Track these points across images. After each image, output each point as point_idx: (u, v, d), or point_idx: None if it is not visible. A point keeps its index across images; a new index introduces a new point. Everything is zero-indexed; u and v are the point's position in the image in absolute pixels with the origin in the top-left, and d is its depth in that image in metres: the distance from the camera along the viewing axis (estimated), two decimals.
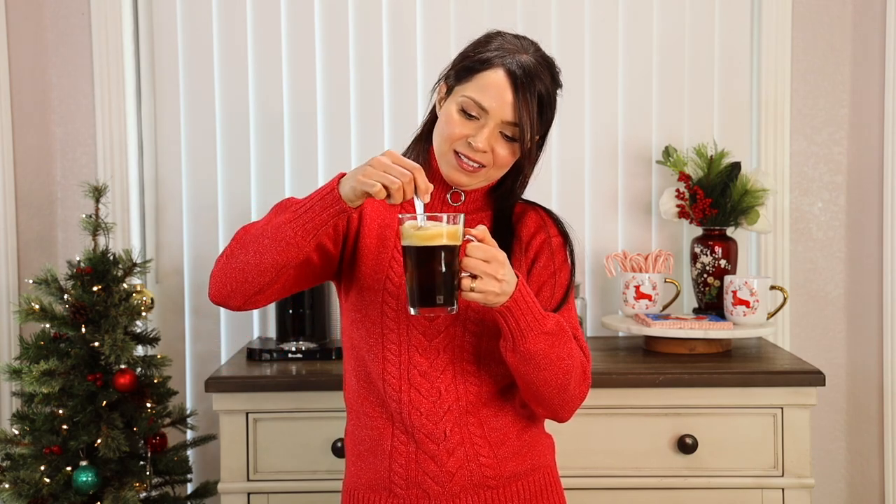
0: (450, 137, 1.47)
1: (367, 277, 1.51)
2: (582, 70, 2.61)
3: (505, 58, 1.45)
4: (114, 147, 2.58)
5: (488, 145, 1.46)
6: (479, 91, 1.45)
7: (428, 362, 1.49)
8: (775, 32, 2.58)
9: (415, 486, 1.49)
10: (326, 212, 1.35)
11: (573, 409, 1.51)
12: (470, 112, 1.46)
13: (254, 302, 1.42)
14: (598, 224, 2.62)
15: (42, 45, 2.60)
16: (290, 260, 1.37)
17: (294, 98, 2.63)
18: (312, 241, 1.37)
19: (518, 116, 1.44)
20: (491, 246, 1.35)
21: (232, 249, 1.41)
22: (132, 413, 2.26)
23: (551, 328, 1.42)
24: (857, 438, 2.65)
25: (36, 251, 2.63)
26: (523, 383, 1.46)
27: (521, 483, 1.53)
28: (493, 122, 1.45)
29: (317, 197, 1.36)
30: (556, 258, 1.55)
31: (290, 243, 1.36)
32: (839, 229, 2.64)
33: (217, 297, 1.42)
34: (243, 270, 1.38)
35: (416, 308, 1.36)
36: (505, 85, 1.44)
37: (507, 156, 1.48)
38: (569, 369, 1.45)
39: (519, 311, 1.38)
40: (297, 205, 1.38)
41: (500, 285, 1.35)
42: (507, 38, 1.49)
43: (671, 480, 2.09)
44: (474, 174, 1.48)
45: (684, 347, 2.27)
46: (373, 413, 1.52)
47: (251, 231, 1.40)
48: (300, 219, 1.36)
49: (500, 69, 1.45)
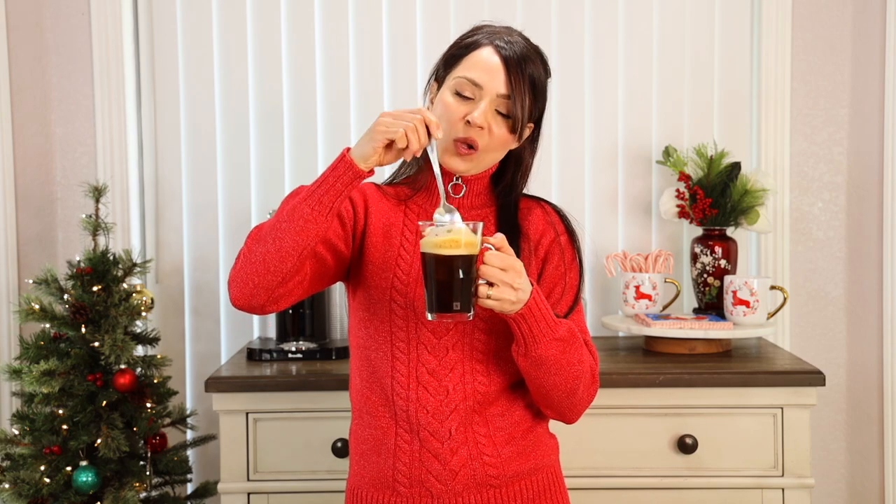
0: (450, 121, 1.47)
1: (375, 276, 1.52)
2: (582, 70, 2.61)
3: (492, 37, 1.49)
4: (114, 147, 2.58)
5: (486, 121, 1.46)
6: (470, 69, 1.47)
7: (436, 360, 1.49)
8: (775, 32, 2.58)
9: (418, 484, 1.49)
10: (341, 181, 1.37)
11: (581, 411, 1.53)
12: (464, 93, 1.47)
13: (276, 299, 1.40)
14: (598, 224, 2.62)
15: (42, 45, 2.60)
16: (309, 240, 1.36)
17: (294, 98, 2.62)
18: (330, 215, 1.37)
19: (510, 88, 1.45)
20: (508, 254, 1.36)
21: (248, 247, 1.40)
22: (132, 413, 2.26)
23: (563, 335, 1.43)
24: (857, 438, 2.65)
25: (36, 251, 2.63)
26: (534, 387, 1.48)
27: (524, 482, 1.53)
28: (488, 96, 1.46)
29: (328, 170, 1.38)
30: (566, 256, 1.56)
31: (308, 220, 1.36)
32: (839, 229, 2.64)
33: (239, 298, 1.40)
34: (264, 261, 1.37)
35: (434, 314, 1.37)
36: (495, 59, 1.46)
37: (504, 134, 1.49)
38: (578, 374, 1.46)
39: (532, 318, 1.40)
40: (310, 185, 1.39)
41: (515, 294, 1.36)
42: (492, 25, 1.53)
43: (671, 480, 2.09)
44: (467, 157, 1.49)
45: (684, 347, 2.27)
46: (378, 412, 1.52)
47: (265, 226, 1.40)
48: (315, 194, 1.37)
49: (489, 46, 1.48)
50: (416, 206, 1.57)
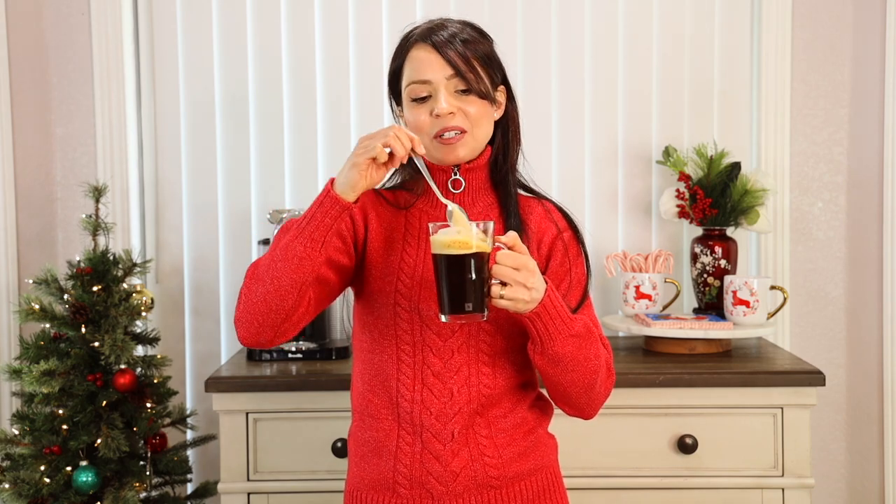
0: (418, 125, 1.49)
1: (378, 282, 1.52)
2: (582, 70, 2.61)
3: (414, 35, 1.51)
4: (114, 147, 2.58)
5: (451, 106, 1.47)
6: (412, 73, 1.49)
7: (442, 362, 1.49)
8: (775, 32, 2.58)
9: (418, 485, 1.49)
10: (328, 215, 1.38)
11: (599, 405, 1.54)
12: (420, 95, 1.49)
13: (283, 332, 1.43)
14: (598, 224, 2.62)
15: (42, 45, 2.60)
16: (306, 275, 1.38)
17: (294, 98, 2.62)
18: (322, 250, 1.39)
19: (453, 65, 1.46)
20: (521, 253, 1.36)
21: (248, 287, 1.43)
22: (132, 413, 2.26)
23: (579, 331, 1.43)
24: (857, 438, 2.65)
25: (36, 251, 2.64)
26: (550, 384, 1.48)
27: (524, 483, 1.53)
28: (440, 85, 1.47)
29: (314, 205, 1.39)
30: (570, 252, 1.56)
31: (302, 258, 1.37)
32: (839, 229, 2.64)
33: (247, 337, 1.44)
34: (265, 300, 1.39)
35: (447, 315, 1.37)
36: (427, 51, 1.48)
37: (478, 109, 1.49)
38: (595, 369, 1.47)
39: (548, 315, 1.39)
40: (298, 221, 1.40)
41: (529, 293, 1.36)
42: (414, 26, 1.55)
43: (671, 480, 2.09)
44: (460, 142, 1.49)
45: (684, 347, 2.27)
46: (380, 415, 1.52)
47: (261, 264, 1.42)
48: (304, 231, 1.38)
49: (415, 45, 1.50)
50: (417, 211, 1.57)
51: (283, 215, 2.34)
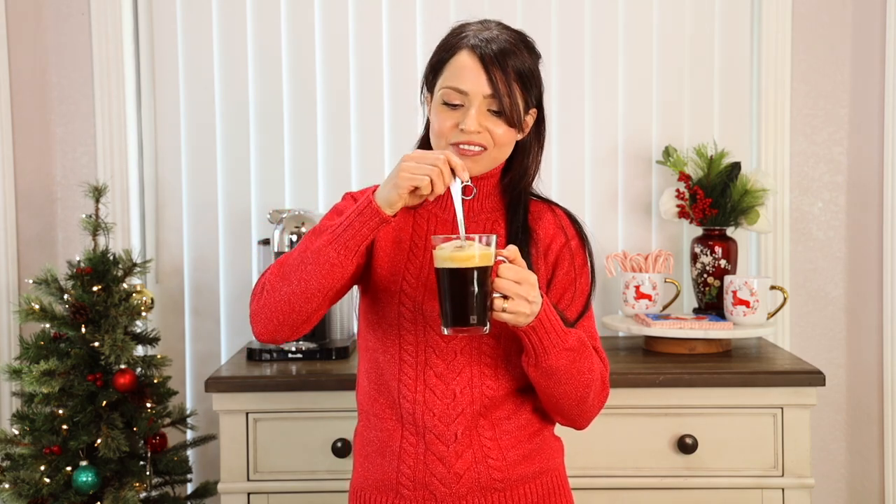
0: (441, 131, 1.48)
1: (384, 280, 1.52)
2: (582, 70, 2.61)
3: (467, 38, 1.48)
4: (114, 147, 2.58)
5: (479, 125, 1.46)
6: (452, 78, 1.47)
7: (445, 364, 1.49)
8: (775, 32, 2.58)
9: (422, 487, 1.49)
10: (367, 226, 1.39)
11: (591, 418, 1.54)
12: (453, 102, 1.47)
13: (299, 332, 1.45)
14: (598, 224, 2.62)
15: (42, 45, 2.60)
16: (334, 282, 1.40)
17: (294, 98, 2.63)
18: (355, 258, 1.40)
19: (494, 87, 1.45)
20: (521, 267, 1.36)
21: (272, 283, 1.42)
22: (132, 413, 2.26)
23: (573, 344, 1.43)
24: (857, 438, 2.65)
25: (36, 251, 2.63)
26: (544, 395, 1.49)
27: (529, 486, 1.53)
28: (475, 101, 1.46)
29: (354, 213, 1.39)
30: (576, 261, 1.55)
31: (334, 264, 1.38)
32: (839, 229, 2.64)
33: (264, 334, 1.45)
34: (289, 301, 1.40)
35: (449, 328, 1.37)
36: (474, 62, 1.46)
37: (504, 132, 1.48)
38: (588, 382, 1.47)
39: (543, 329, 1.40)
40: (335, 226, 1.41)
41: (530, 307, 1.36)
42: (468, 24, 1.52)
43: (671, 480, 2.09)
44: (478, 157, 1.48)
45: (684, 347, 2.27)
46: (383, 415, 1.52)
47: (289, 262, 1.42)
48: (340, 238, 1.39)
49: (465, 49, 1.47)
50: (425, 213, 1.57)
51: (283, 215, 2.34)
